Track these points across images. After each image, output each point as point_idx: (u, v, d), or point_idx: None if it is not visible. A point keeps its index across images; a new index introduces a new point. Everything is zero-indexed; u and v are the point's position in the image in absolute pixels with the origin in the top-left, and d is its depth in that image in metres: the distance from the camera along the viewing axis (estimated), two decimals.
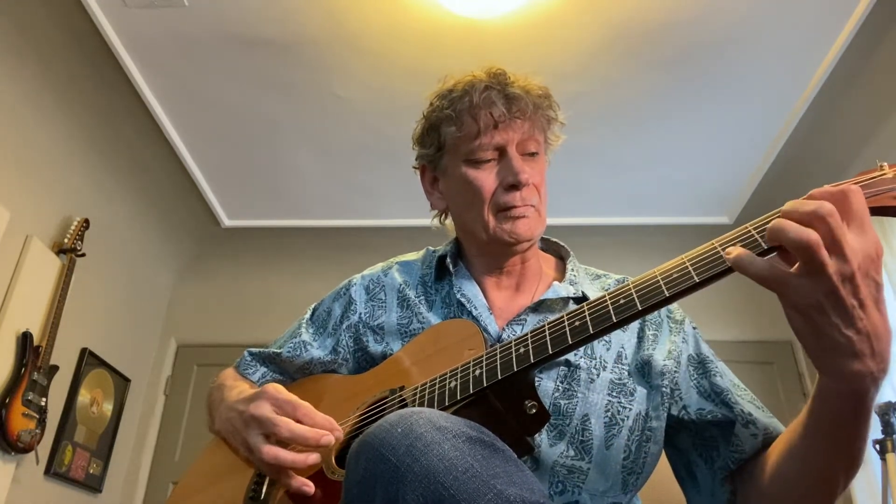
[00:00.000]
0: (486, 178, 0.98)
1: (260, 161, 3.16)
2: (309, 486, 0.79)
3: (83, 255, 2.76)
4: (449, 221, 1.11)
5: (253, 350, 1.12)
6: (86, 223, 2.78)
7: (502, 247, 1.00)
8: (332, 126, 2.92)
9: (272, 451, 0.80)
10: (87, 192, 2.92)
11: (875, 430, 2.37)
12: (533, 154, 1.00)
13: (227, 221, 3.62)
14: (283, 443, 0.82)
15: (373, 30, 2.43)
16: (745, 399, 0.90)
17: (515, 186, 0.96)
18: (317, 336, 1.09)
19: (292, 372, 1.08)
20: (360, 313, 1.07)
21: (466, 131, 0.98)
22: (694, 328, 1.00)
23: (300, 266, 3.71)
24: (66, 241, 2.71)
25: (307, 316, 1.13)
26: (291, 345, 1.07)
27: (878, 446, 2.33)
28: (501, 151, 0.98)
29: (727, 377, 0.93)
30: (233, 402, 0.93)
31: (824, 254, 0.56)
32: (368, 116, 2.86)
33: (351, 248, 3.55)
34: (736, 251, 0.61)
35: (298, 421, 0.82)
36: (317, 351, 1.06)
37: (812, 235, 0.56)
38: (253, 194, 3.42)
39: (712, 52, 2.47)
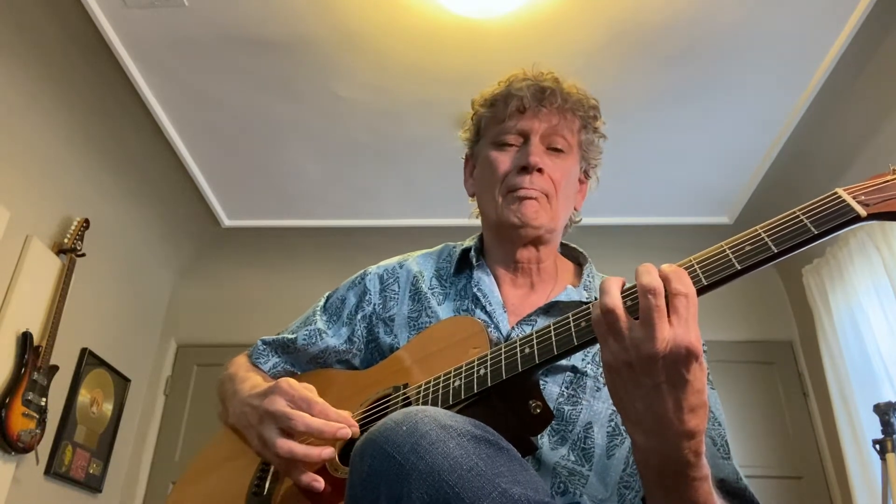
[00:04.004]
0: (504, 160, 1.01)
1: (260, 161, 3.16)
2: (319, 482, 0.80)
3: (83, 255, 2.76)
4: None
5: (266, 339, 1.12)
6: (86, 223, 2.78)
7: (509, 229, 1.00)
8: (332, 126, 2.92)
9: (287, 445, 0.81)
10: (87, 192, 2.92)
11: (875, 429, 2.36)
12: (558, 150, 1.02)
13: (227, 221, 3.62)
14: (296, 437, 0.83)
15: (373, 29, 2.43)
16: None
17: (525, 169, 0.98)
18: (331, 324, 1.09)
19: (304, 362, 1.08)
20: (375, 304, 1.08)
21: (496, 114, 1.03)
22: (705, 351, 0.99)
23: (300, 266, 3.71)
24: (66, 241, 2.71)
25: (321, 303, 1.14)
26: (306, 332, 1.08)
27: (878, 446, 2.33)
28: (526, 138, 1.01)
29: None
30: (247, 396, 0.94)
31: (620, 325, 0.62)
32: (368, 116, 2.86)
33: (351, 248, 3.55)
34: (609, 299, 0.64)
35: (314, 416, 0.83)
36: (332, 339, 1.06)
37: (595, 312, 0.64)
38: (253, 194, 3.42)
39: (712, 52, 2.47)
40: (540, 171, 0.99)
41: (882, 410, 2.34)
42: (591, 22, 2.38)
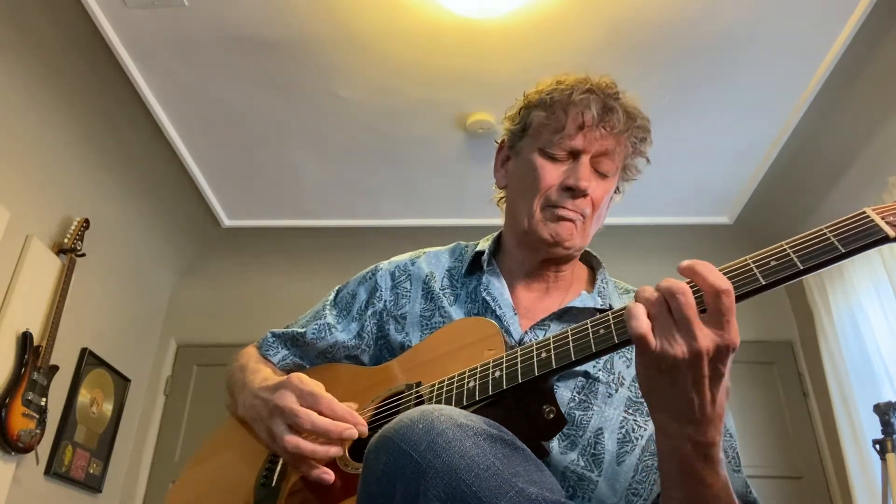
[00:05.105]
0: (551, 172, 0.98)
1: (260, 161, 3.16)
2: (328, 475, 0.80)
3: (83, 255, 2.76)
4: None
5: (276, 331, 1.12)
6: (86, 223, 2.78)
7: (538, 242, 0.99)
8: (332, 126, 2.92)
9: (293, 441, 0.81)
10: (87, 192, 2.92)
11: (875, 429, 2.37)
12: (604, 175, 1.00)
13: (227, 221, 3.62)
14: (303, 434, 0.83)
15: (373, 30, 2.43)
16: None
17: (573, 190, 0.96)
18: (340, 319, 1.09)
19: (313, 356, 1.08)
20: (386, 300, 1.07)
21: (553, 121, 0.99)
22: None
23: (300, 266, 3.71)
24: (66, 241, 2.71)
25: (331, 297, 1.13)
26: (315, 326, 1.07)
27: (878, 446, 2.34)
28: (575, 155, 0.98)
29: None
30: (257, 389, 0.94)
31: (651, 342, 0.63)
32: (368, 116, 2.86)
33: (351, 248, 3.55)
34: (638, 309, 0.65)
35: (321, 413, 0.83)
36: (341, 334, 1.06)
37: (640, 328, 0.63)
38: (253, 194, 3.42)
39: (712, 52, 2.47)
40: (585, 194, 0.97)
41: (882, 410, 2.34)
42: (591, 22, 2.38)
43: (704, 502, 0.68)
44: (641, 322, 0.63)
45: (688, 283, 0.68)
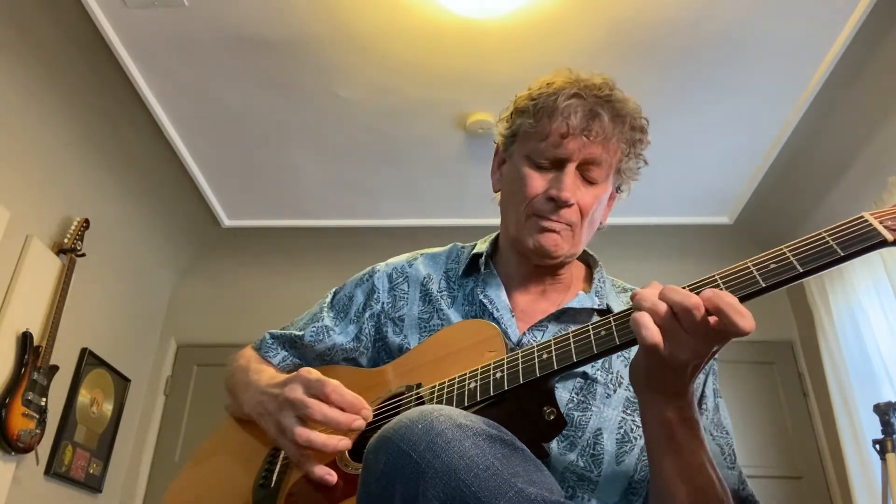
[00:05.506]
0: (536, 181, 0.97)
1: (260, 161, 3.16)
2: (331, 476, 0.80)
3: (83, 255, 2.76)
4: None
5: (274, 332, 1.11)
6: (86, 223, 2.78)
7: (524, 250, 0.99)
8: (332, 126, 2.92)
9: (305, 434, 0.81)
10: (87, 192, 2.92)
11: (875, 429, 2.37)
12: (592, 182, 0.97)
13: (227, 221, 3.62)
14: (312, 426, 0.83)
15: (373, 30, 2.43)
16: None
17: (555, 200, 0.94)
18: (338, 321, 1.08)
19: (311, 358, 1.08)
20: (383, 303, 1.07)
21: (538, 129, 0.96)
22: (715, 358, 0.99)
23: (300, 266, 3.71)
24: (66, 241, 2.71)
25: (328, 300, 1.13)
26: (313, 329, 1.07)
27: (878, 446, 2.34)
28: (560, 164, 0.96)
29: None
30: (265, 385, 0.93)
31: (662, 349, 0.67)
32: (368, 116, 2.86)
33: (351, 248, 3.55)
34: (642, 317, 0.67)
35: (328, 398, 0.82)
36: (339, 337, 1.06)
37: (653, 338, 0.66)
38: (253, 194, 3.42)
39: (712, 52, 2.47)
40: (570, 205, 0.95)
41: (882, 410, 2.34)
42: (591, 22, 2.38)
43: (688, 459, 0.73)
44: (653, 332, 0.66)
45: (690, 287, 0.69)
